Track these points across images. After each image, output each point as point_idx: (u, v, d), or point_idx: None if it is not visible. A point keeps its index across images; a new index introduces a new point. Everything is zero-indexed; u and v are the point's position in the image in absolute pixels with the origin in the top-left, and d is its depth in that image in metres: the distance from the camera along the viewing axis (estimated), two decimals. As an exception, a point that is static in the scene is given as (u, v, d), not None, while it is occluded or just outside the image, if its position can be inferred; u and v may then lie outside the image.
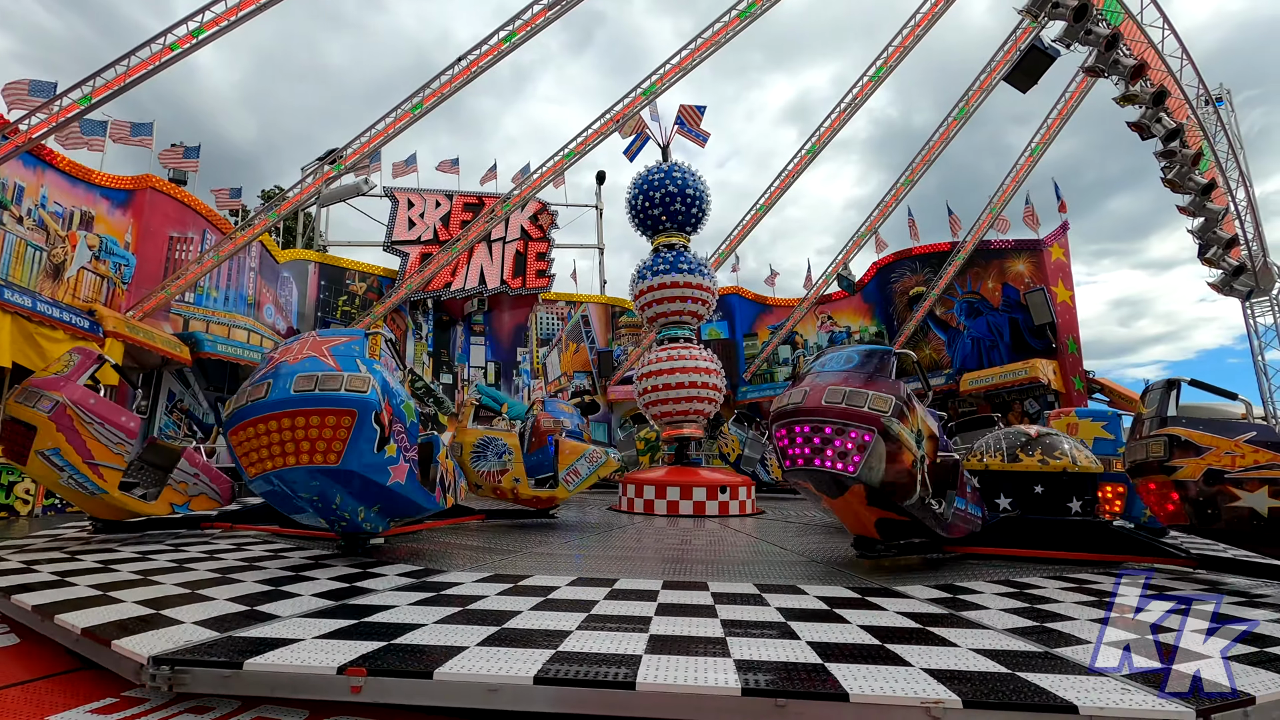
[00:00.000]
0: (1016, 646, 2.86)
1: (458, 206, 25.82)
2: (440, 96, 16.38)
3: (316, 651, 2.61)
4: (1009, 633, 3.13)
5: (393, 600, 3.68)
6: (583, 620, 3.24)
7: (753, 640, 2.89)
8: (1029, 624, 3.32)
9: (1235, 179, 16.78)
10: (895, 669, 2.48)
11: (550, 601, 3.71)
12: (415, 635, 2.89)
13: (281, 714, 2.43)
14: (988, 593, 4.20)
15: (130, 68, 11.92)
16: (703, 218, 13.52)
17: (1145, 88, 15.07)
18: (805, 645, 2.83)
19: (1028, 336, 21.11)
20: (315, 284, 22.49)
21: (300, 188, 16.83)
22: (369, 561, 5.14)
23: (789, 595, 4.01)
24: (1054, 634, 3.11)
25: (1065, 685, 2.32)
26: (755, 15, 17.54)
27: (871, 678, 2.37)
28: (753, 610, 3.54)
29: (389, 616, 3.26)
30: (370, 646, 2.69)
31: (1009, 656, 2.69)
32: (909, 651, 2.74)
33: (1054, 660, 2.65)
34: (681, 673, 2.39)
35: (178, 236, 16.74)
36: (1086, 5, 14.13)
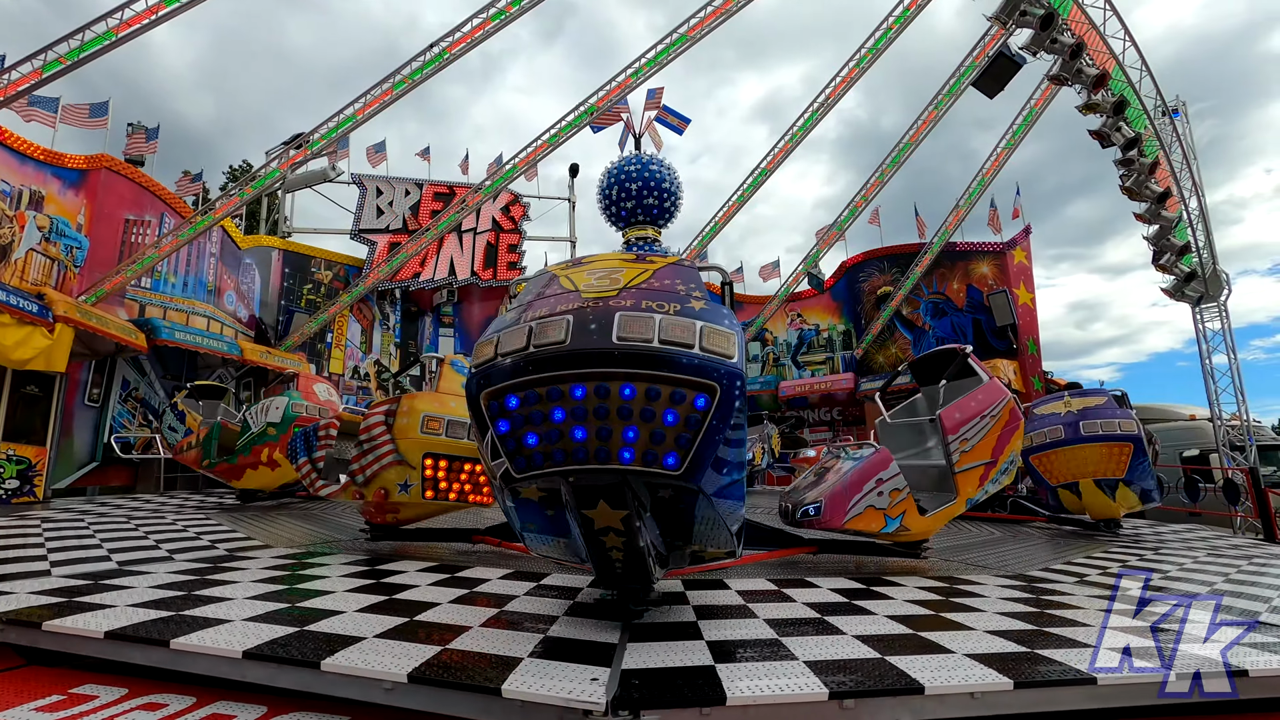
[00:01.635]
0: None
1: (427, 196, 25.40)
2: (411, 84, 16.11)
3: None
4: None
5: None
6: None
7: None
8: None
9: (1189, 188, 17.38)
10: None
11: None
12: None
13: (237, 709, 2.38)
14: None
15: (96, 46, 11.47)
16: (675, 211, 13.52)
17: (1106, 97, 15.52)
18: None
19: (990, 337, 21.62)
20: (279, 271, 21.93)
21: (267, 173, 16.39)
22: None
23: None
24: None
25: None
26: (732, 12, 17.58)
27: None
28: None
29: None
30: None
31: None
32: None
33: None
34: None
35: (134, 219, 16.16)
36: (1053, 14, 14.48)
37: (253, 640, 2.60)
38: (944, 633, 3.00)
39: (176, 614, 3.04)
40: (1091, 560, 5.72)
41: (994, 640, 2.85)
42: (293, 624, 2.89)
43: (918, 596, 3.93)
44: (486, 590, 3.87)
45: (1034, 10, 14.47)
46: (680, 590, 3.92)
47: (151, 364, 16.36)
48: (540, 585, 4.04)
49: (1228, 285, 18.46)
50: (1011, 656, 2.60)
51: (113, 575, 4.05)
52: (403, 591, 3.74)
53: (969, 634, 2.99)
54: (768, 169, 21.44)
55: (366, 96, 16.14)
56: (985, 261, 22.37)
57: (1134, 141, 15.88)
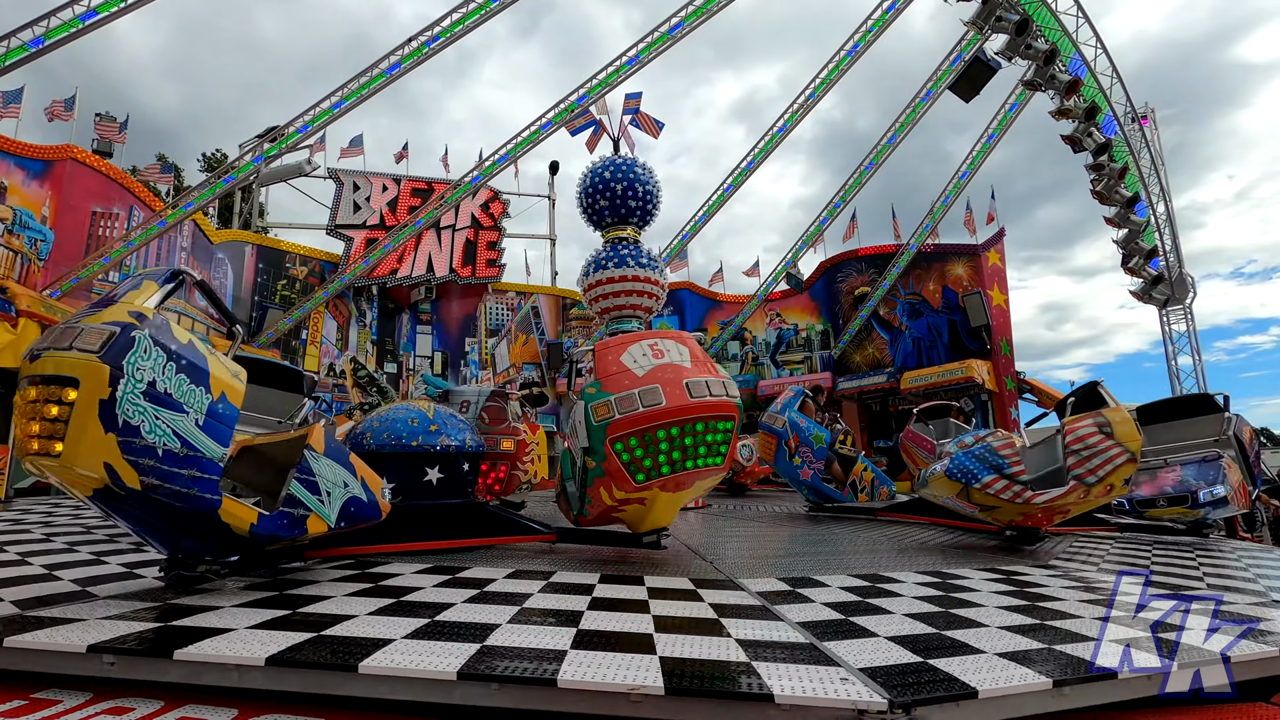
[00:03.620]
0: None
1: (405, 191, 25.12)
2: (390, 78, 15.93)
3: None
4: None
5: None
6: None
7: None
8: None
9: (1157, 194, 17.82)
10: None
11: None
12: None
13: (207, 712, 2.33)
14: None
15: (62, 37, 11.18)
16: (654, 212, 13.51)
17: (1079, 103, 15.83)
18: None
19: (965, 338, 21.96)
20: (252, 266, 21.55)
21: (241, 166, 16.10)
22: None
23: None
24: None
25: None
26: (713, 11, 17.62)
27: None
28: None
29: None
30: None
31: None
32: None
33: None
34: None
35: (101, 212, 15.78)
36: (1027, 20, 14.73)
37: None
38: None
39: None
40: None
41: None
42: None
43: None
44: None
45: (1009, 16, 14.71)
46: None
47: (119, 360, 15.98)
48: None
49: (1193, 288, 19.00)
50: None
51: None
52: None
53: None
54: (748, 170, 21.56)
55: (344, 90, 15.93)
56: (960, 263, 22.71)
57: (1104, 147, 16.23)
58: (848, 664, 2.50)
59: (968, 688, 2.25)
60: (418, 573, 4.39)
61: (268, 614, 3.10)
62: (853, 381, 23.66)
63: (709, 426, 4.53)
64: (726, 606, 3.53)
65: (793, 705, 2.14)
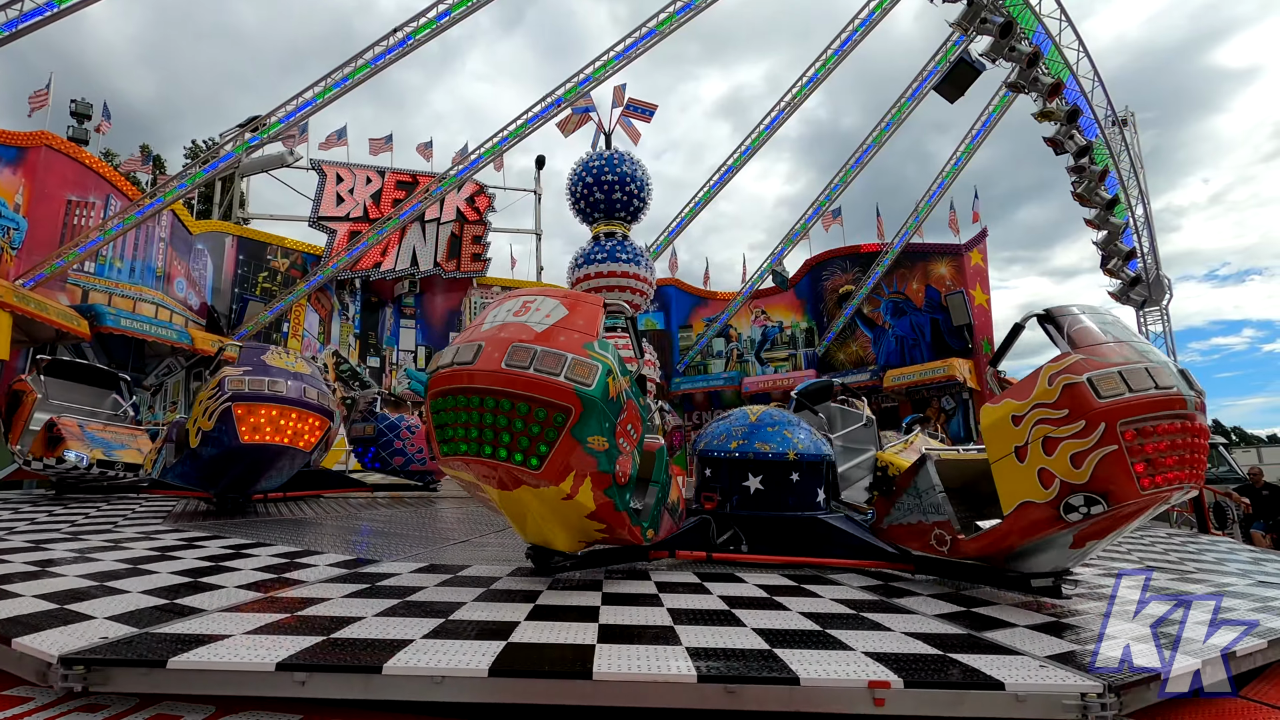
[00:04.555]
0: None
1: (390, 184, 24.88)
2: (374, 69, 15.74)
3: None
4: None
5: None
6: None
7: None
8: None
9: (1136, 196, 18.09)
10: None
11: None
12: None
13: (183, 711, 2.29)
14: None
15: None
16: (644, 207, 13.54)
17: (1061, 105, 16.02)
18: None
19: (947, 337, 22.19)
20: (233, 258, 21.22)
21: (223, 156, 15.84)
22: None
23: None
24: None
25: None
26: (701, 7, 17.59)
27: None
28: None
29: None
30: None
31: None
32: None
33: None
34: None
35: (77, 200, 15.46)
36: (1012, 23, 14.87)
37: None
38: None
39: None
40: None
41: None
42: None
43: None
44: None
45: (994, 18, 14.84)
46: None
47: (95, 352, 15.68)
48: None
49: (1169, 290, 19.33)
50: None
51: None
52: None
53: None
54: (734, 167, 21.60)
55: (327, 80, 15.71)
56: (943, 262, 22.93)
57: (1085, 149, 16.44)
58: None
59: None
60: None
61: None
62: (836, 379, 23.80)
63: (516, 409, 3.28)
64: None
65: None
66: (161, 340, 16.32)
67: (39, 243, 14.27)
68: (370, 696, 2.30)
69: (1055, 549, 3.48)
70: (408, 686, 2.27)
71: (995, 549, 3.62)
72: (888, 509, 4.41)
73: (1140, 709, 2.38)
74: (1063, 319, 3.51)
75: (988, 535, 3.63)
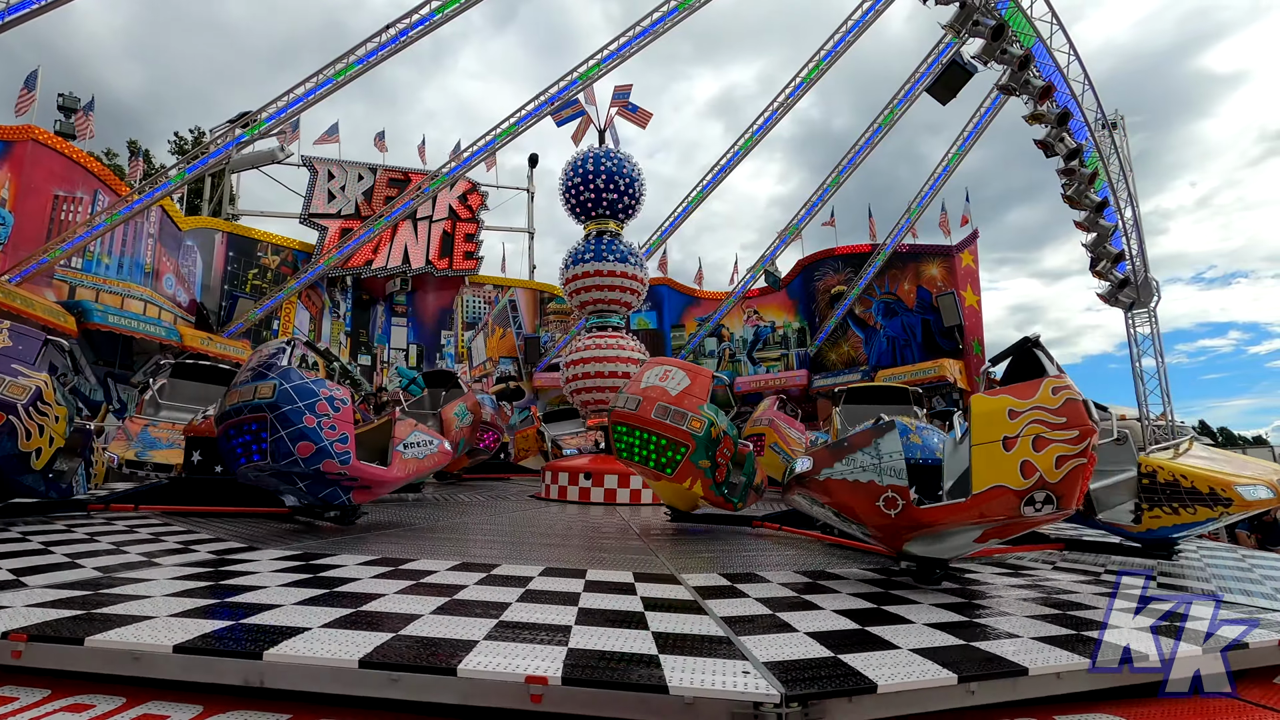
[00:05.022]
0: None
1: (382, 181, 24.76)
2: (366, 65, 15.66)
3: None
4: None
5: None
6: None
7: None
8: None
9: (1125, 199, 18.22)
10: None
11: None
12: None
13: (170, 709, 2.28)
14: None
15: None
16: (637, 205, 13.50)
17: (1051, 108, 16.11)
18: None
19: (938, 337, 22.30)
20: (222, 255, 21.07)
21: (213, 152, 15.71)
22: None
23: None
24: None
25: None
26: (695, 6, 17.59)
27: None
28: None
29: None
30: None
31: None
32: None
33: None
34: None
35: (64, 195, 15.30)
36: (1004, 25, 14.95)
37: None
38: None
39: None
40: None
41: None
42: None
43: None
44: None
45: (985, 20, 14.91)
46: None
47: (83, 349, 15.52)
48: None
49: (1157, 292, 19.48)
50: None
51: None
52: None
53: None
54: (727, 167, 21.62)
55: (318, 76, 15.62)
56: (935, 263, 23.04)
57: (1075, 152, 16.54)
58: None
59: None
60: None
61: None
62: (828, 379, 23.88)
63: (659, 440, 6.27)
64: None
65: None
66: (150, 337, 16.19)
67: (25, 238, 14.12)
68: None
69: (965, 538, 3.96)
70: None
71: (943, 519, 3.90)
72: (831, 461, 4.43)
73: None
74: (1047, 350, 4.06)
75: (949, 509, 3.88)
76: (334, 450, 5.39)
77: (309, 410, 5.39)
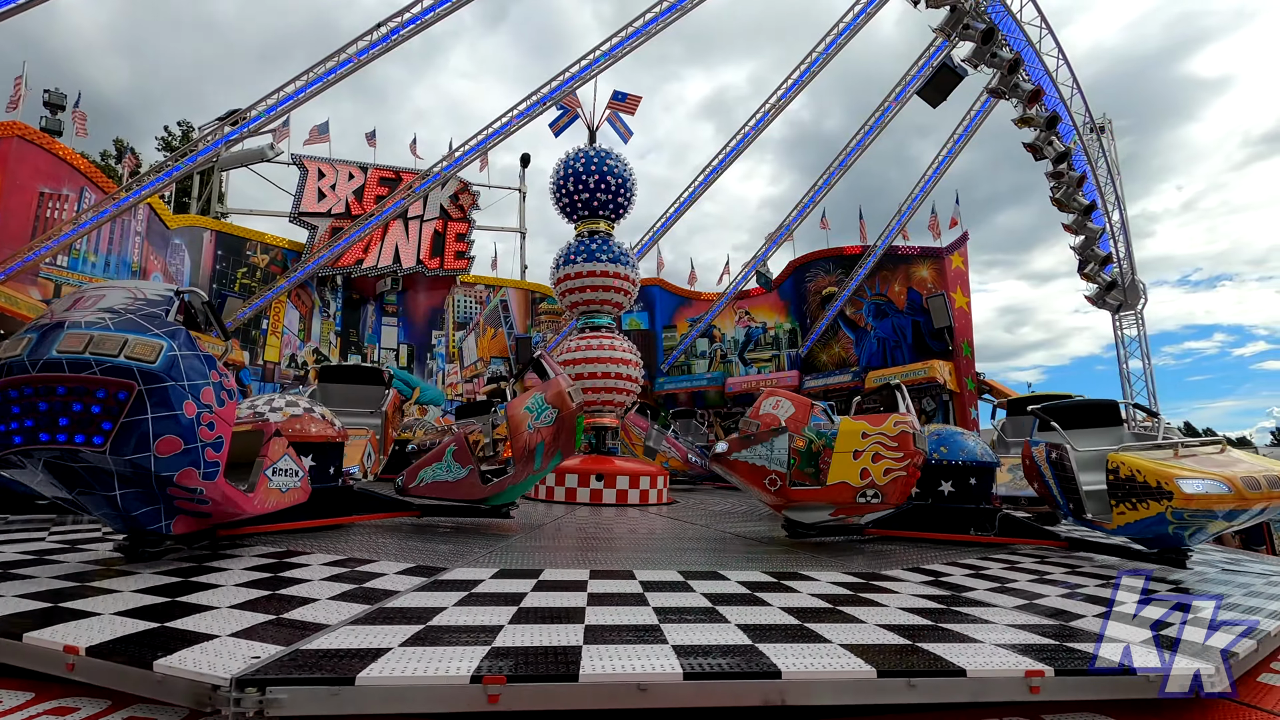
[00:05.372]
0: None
1: (372, 180, 24.62)
2: (359, 63, 15.58)
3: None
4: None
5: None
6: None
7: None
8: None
9: (1112, 202, 18.40)
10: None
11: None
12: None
13: (156, 712, 2.25)
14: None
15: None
16: (628, 205, 13.49)
17: (1040, 112, 16.24)
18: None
19: (928, 339, 22.40)
20: (211, 253, 20.88)
21: (202, 149, 15.57)
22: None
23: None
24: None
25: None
26: (688, 7, 17.60)
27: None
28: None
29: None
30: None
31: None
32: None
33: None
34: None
35: (50, 193, 15.12)
36: (993, 29, 15.06)
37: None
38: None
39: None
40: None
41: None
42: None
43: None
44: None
45: (975, 24, 15.01)
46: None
47: (67, 348, 15.35)
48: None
49: (1144, 295, 19.70)
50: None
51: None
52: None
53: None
54: (719, 168, 21.66)
55: (309, 74, 15.52)
56: (925, 265, 23.15)
57: (1064, 155, 16.69)
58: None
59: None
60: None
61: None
62: (819, 380, 23.95)
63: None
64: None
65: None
66: (137, 336, 16.00)
67: (10, 236, 13.94)
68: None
69: (822, 513, 6.12)
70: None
71: (806, 498, 5.93)
72: (740, 449, 6.08)
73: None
74: (903, 391, 6.04)
75: (810, 491, 5.85)
76: (204, 458, 3.81)
77: (191, 395, 3.75)
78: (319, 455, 6.24)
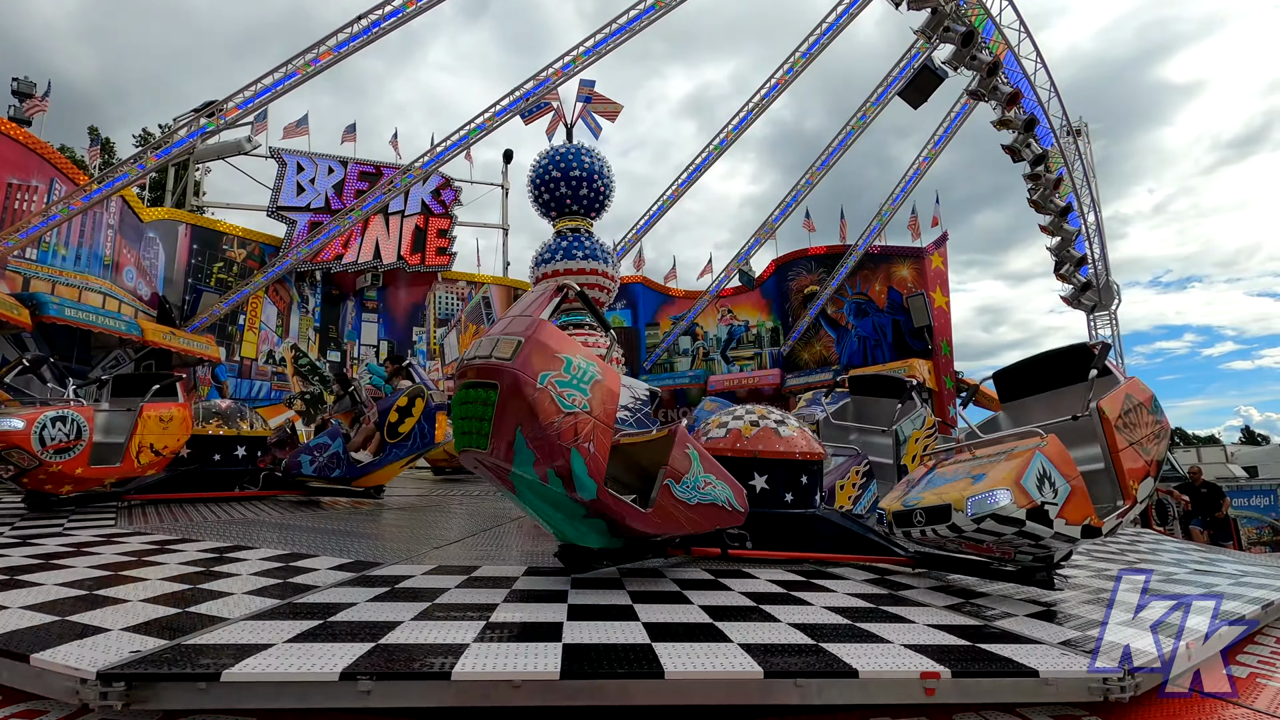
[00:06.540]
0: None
1: (353, 175, 24.40)
2: (338, 56, 15.46)
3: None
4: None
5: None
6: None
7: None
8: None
9: (1088, 204, 18.57)
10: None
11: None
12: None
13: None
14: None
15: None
16: (607, 203, 13.47)
17: (1019, 114, 16.36)
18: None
19: (908, 338, 22.56)
20: (186, 247, 20.61)
21: (177, 141, 15.40)
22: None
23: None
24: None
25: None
26: (672, 5, 17.58)
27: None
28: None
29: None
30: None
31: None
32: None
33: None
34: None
35: (18, 184, 14.88)
36: (973, 32, 15.13)
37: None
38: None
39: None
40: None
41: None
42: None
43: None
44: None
45: (956, 27, 15.09)
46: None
47: (38, 343, 15.12)
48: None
49: (1118, 295, 19.91)
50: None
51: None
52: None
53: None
54: (701, 167, 21.68)
55: (287, 66, 15.37)
56: (905, 265, 23.31)
57: (1041, 158, 16.82)
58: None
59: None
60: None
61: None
62: (800, 378, 24.05)
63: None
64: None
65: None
66: (109, 331, 15.79)
67: (-24, 227, 13.73)
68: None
69: None
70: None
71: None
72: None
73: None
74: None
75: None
76: None
77: None
78: None
